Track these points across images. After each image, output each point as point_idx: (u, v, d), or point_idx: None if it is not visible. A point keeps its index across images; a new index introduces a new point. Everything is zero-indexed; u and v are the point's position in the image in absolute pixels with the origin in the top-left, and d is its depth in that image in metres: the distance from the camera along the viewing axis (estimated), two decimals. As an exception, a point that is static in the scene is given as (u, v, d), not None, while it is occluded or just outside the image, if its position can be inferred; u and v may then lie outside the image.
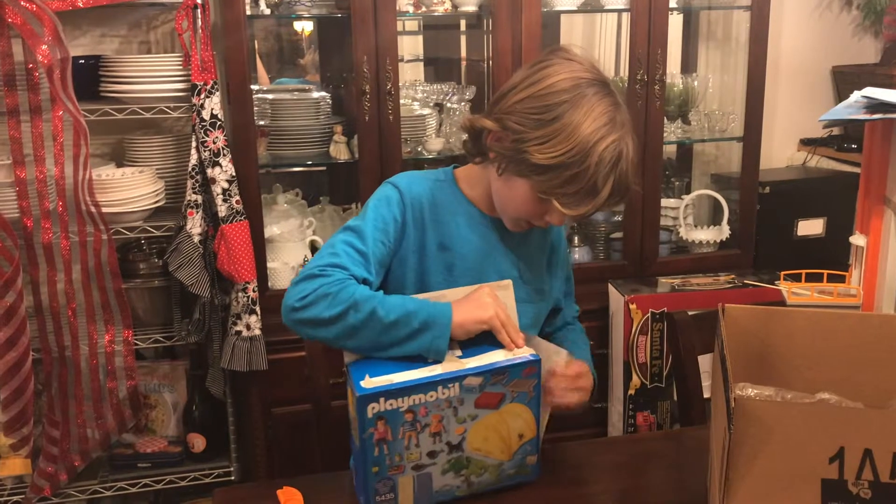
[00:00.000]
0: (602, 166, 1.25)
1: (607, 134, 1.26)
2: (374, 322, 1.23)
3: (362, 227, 1.34)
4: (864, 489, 0.97)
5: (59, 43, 1.97)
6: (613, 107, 1.29)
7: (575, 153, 1.25)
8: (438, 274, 1.39)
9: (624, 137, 1.28)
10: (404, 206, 1.38)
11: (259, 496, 1.32)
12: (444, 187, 1.44)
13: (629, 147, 1.29)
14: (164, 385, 2.45)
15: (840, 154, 2.85)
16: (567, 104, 1.27)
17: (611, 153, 1.26)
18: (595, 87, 1.29)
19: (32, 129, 2.07)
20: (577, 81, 1.29)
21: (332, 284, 1.25)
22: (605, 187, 1.27)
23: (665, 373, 2.42)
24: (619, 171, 1.27)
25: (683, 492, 1.33)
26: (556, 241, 1.56)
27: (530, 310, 1.46)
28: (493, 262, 1.43)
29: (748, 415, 0.98)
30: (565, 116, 1.26)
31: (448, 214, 1.41)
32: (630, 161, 1.29)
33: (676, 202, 2.78)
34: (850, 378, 1.21)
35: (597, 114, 1.27)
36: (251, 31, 2.58)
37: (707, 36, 2.92)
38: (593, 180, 1.26)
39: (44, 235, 2.11)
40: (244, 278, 2.20)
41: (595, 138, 1.25)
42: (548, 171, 1.27)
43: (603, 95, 1.29)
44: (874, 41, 3.01)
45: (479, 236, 1.42)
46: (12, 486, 2.30)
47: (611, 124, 1.27)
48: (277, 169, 2.63)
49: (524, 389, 1.24)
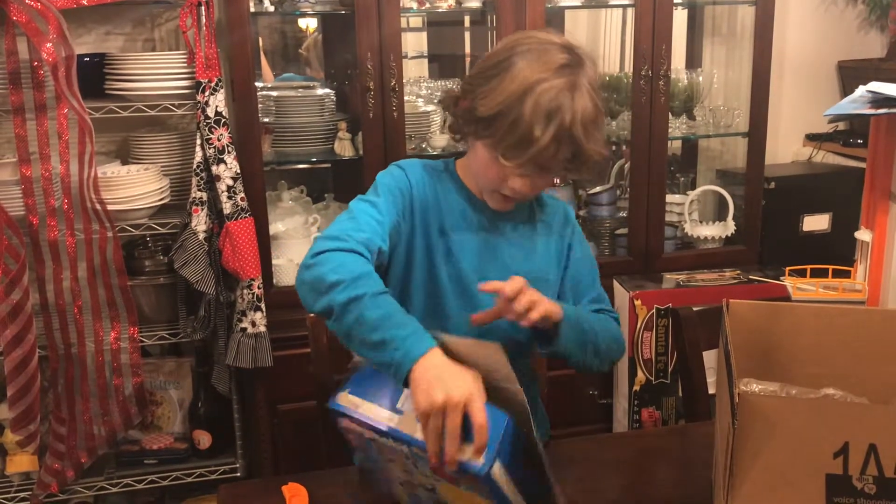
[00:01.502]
0: (538, 114, 1.24)
1: (546, 80, 1.24)
2: (358, 312, 1.15)
3: (375, 199, 1.36)
4: (868, 484, 0.97)
5: (63, 41, 1.98)
6: (569, 66, 1.27)
7: (511, 100, 1.25)
8: (440, 259, 1.41)
9: (571, 91, 1.25)
10: (410, 185, 1.40)
11: (264, 492, 1.33)
12: (445, 176, 1.46)
13: (578, 104, 1.25)
14: (169, 382, 2.46)
15: (845, 149, 2.84)
16: (517, 56, 1.28)
17: (548, 101, 1.24)
18: (558, 48, 1.28)
19: (38, 127, 2.07)
20: (542, 45, 1.29)
21: (347, 253, 1.22)
22: (544, 136, 1.24)
23: (670, 369, 2.41)
24: (561, 122, 1.24)
25: (688, 487, 1.33)
26: (574, 240, 1.52)
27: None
28: (491, 247, 1.44)
29: (753, 410, 0.97)
30: (511, 68, 1.27)
31: (448, 201, 1.43)
32: (581, 120, 1.26)
33: (681, 198, 2.77)
34: (855, 373, 1.20)
35: (542, 63, 1.26)
36: (255, 28, 2.58)
37: (712, 31, 2.92)
38: (529, 127, 1.24)
39: (49, 233, 2.12)
40: (249, 275, 2.20)
41: (531, 82, 1.25)
42: (491, 124, 1.28)
43: (562, 55, 1.28)
44: (880, 36, 3.00)
45: (477, 222, 1.43)
46: (19, 483, 2.31)
47: (555, 74, 1.25)
48: (282, 166, 2.63)
49: (481, 489, 1.07)
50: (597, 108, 1.29)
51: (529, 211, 1.49)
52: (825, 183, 2.77)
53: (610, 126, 2.71)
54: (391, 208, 1.36)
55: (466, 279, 1.42)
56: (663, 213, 2.61)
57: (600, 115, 1.31)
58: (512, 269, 1.40)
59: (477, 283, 1.36)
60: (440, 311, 1.42)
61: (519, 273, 1.39)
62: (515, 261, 1.44)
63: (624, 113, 2.69)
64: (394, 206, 1.37)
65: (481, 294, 1.38)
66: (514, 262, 1.44)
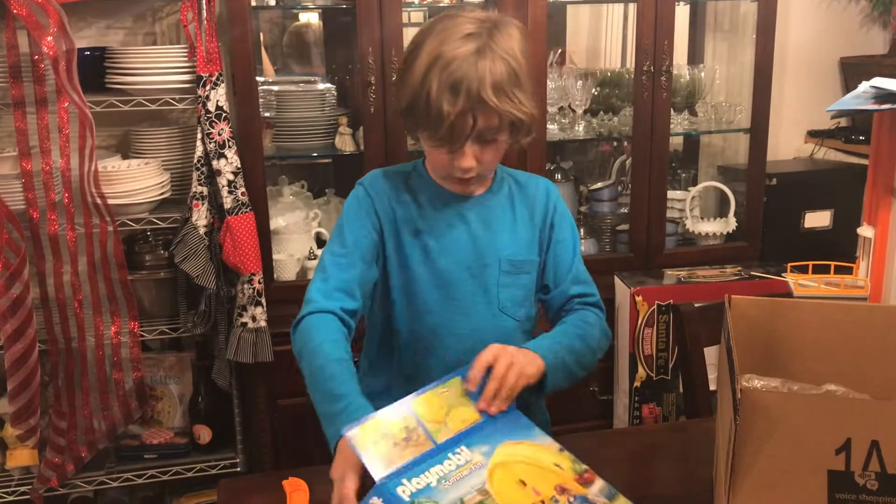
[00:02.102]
0: (442, 88, 1.24)
1: (446, 53, 1.25)
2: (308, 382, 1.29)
3: (341, 228, 1.41)
4: (870, 480, 0.97)
5: (64, 34, 1.97)
6: (475, 34, 1.27)
7: (418, 82, 1.27)
8: (417, 257, 1.42)
9: (476, 56, 1.25)
10: (371, 198, 1.43)
11: (265, 487, 1.32)
12: (413, 177, 1.46)
13: (484, 68, 1.24)
14: (170, 376, 2.46)
15: (847, 146, 2.83)
16: (424, 39, 1.29)
17: (450, 73, 1.24)
18: (466, 21, 1.29)
19: (38, 121, 2.07)
20: (450, 21, 1.30)
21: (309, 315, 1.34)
22: (455, 109, 1.24)
23: (671, 365, 2.41)
24: (467, 91, 1.23)
25: (689, 483, 1.32)
26: (556, 218, 1.50)
27: (509, 281, 1.44)
28: (469, 237, 1.43)
29: (755, 406, 0.97)
30: (419, 52, 1.29)
31: (419, 201, 1.43)
32: (492, 83, 1.25)
33: (683, 194, 2.77)
34: (857, 370, 1.20)
35: (444, 37, 1.27)
36: (256, 23, 2.57)
37: (714, 27, 2.91)
38: (438, 104, 1.25)
39: (50, 227, 2.11)
40: (250, 270, 2.20)
41: (432, 59, 1.26)
42: (411, 112, 1.30)
43: (469, 25, 1.28)
44: (882, 32, 2.99)
45: (452, 214, 1.43)
46: (19, 477, 2.31)
47: (457, 45, 1.25)
48: (283, 161, 2.63)
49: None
50: (510, 68, 1.27)
51: (508, 194, 1.48)
52: (827, 179, 2.76)
53: (611, 122, 2.71)
54: (358, 234, 1.40)
55: (446, 275, 1.42)
56: (664, 210, 2.60)
57: (516, 72, 1.28)
58: (492, 256, 1.42)
59: (456, 278, 1.41)
60: (423, 309, 1.42)
61: (501, 257, 1.42)
62: (495, 247, 1.44)
63: (625, 108, 2.69)
64: (361, 229, 1.40)
65: (462, 288, 1.40)
66: (494, 248, 1.44)
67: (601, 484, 1.17)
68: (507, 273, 1.43)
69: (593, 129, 2.67)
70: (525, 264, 1.46)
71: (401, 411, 1.13)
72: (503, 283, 1.43)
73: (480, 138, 1.30)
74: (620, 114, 2.71)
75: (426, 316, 1.42)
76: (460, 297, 1.41)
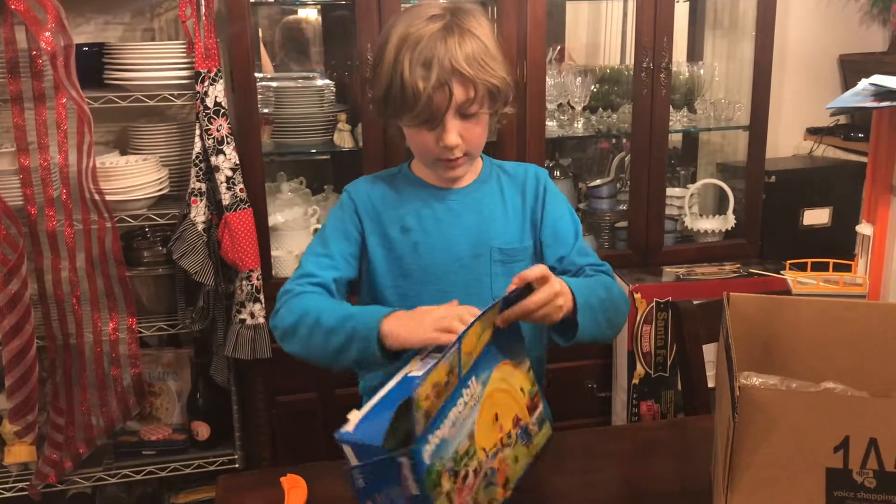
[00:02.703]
0: (415, 66, 1.27)
1: (415, 32, 1.28)
2: (319, 328, 1.29)
3: (324, 232, 1.46)
4: (868, 478, 0.97)
5: (62, 30, 1.97)
6: (440, 15, 1.30)
7: (390, 67, 1.29)
8: (408, 255, 1.43)
9: (444, 33, 1.28)
10: (355, 203, 1.46)
11: (263, 483, 1.32)
12: (399, 178, 1.49)
13: (453, 43, 1.27)
14: (168, 373, 2.46)
15: (846, 143, 2.83)
16: (391, 30, 1.32)
17: (420, 50, 1.27)
18: (429, 6, 1.32)
19: (36, 117, 2.07)
20: (414, 9, 1.33)
21: (292, 296, 1.37)
22: (429, 85, 1.27)
23: (669, 362, 2.41)
24: (441, 66, 1.26)
25: (687, 480, 1.32)
26: (547, 197, 1.49)
27: (502, 270, 1.44)
28: (459, 229, 1.44)
29: (753, 404, 0.97)
30: (387, 42, 1.32)
31: (405, 200, 1.45)
32: (465, 56, 1.27)
33: (682, 191, 2.77)
34: (856, 367, 1.20)
35: (410, 21, 1.30)
36: (255, 19, 2.57)
37: (713, 24, 2.91)
38: (413, 83, 1.27)
39: (48, 223, 2.11)
40: (248, 266, 2.20)
41: (401, 40, 1.29)
42: (386, 99, 1.33)
43: (433, 10, 1.31)
44: (882, 29, 2.99)
45: (437, 208, 1.45)
46: (17, 474, 2.31)
47: (424, 25, 1.28)
48: (281, 157, 2.63)
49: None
50: (478, 41, 1.29)
51: (497, 183, 1.49)
52: (826, 177, 2.76)
53: (610, 119, 2.71)
54: (339, 240, 1.44)
55: (437, 269, 1.43)
56: (663, 207, 2.60)
57: (484, 43, 1.30)
58: (483, 246, 1.43)
59: (447, 270, 1.41)
60: (416, 304, 1.39)
61: (493, 247, 1.43)
62: (486, 237, 1.44)
63: (624, 106, 2.69)
64: (344, 233, 1.44)
65: (454, 280, 1.41)
66: (485, 238, 1.44)
67: (540, 409, 1.19)
68: (499, 262, 1.44)
69: (592, 126, 2.66)
70: (517, 252, 1.46)
71: (451, 352, 1.04)
72: (496, 272, 1.43)
73: (461, 113, 1.31)
74: (619, 111, 2.71)
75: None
76: (452, 289, 1.41)
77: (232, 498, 1.32)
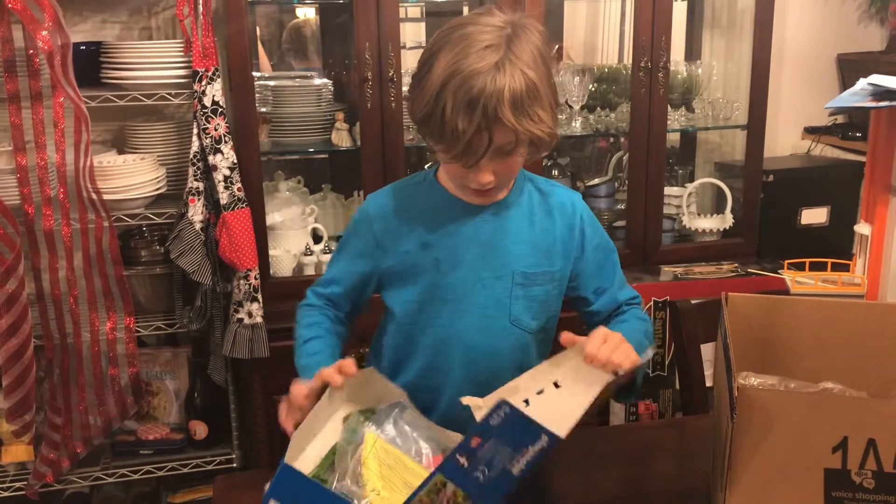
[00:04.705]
0: (458, 106, 1.18)
1: (463, 69, 1.19)
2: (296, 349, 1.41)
3: (342, 243, 1.47)
4: (867, 479, 0.97)
5: (59, 29, 1.97)
6: (494, 45, 1.20)
7: (433, 97, 1.21)
8: (428, 271, 1.38)
9: (494, 71, 1.18)
10: (370, 221, 1.41)
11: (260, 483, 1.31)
12: (423, 189, 1.42)
13: (502, 84, 1.18)
14: (165, 372, 2.45)
15: (844, 142, 2.84)
16: (440, 48, 1.23)
17: (466, 90, 1.18)
18: (484, 29, 1.23)
19: (33, 116, 2.06)
20: (467, 29, 1.23)
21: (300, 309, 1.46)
22: (470, 128, 1.19)
23: (667, 361, 2.41)
24: (483, 110, 1.18)
25: (685, 480, 1.33)
26: (586, 227, 1.44)
27: (522, 293, 1.39)
28: (485, 245, 1.38)
29: (751, 404, 0.97)
30: (434, 63, 1.23)
31: (428, 214, 1.39)
32: (510, 100, 1.18)
33: (680, 190, 2.77)
34: (854, 367, 1.20)
35: (461, 49, 1.21)
36: (253, 18, 2.56)
37: (711, 23, 2.91)
38: (453, 122, 1.19)
39: (45, 222, 2.11)
40: (246, 266, 2.20)
41: (448, 74, 1.20)
42: (426, 126, 1.26)
43: (487, 35, 1.21)
44: (880, 29, 2.99)
45: (461, 226, 1.38)
46: (14, 473, 2.31)
47: (475, 59, 1.19)
48: (279, 156, 2.62)
49: None
50: (528, 81, 1.20)
51: (528, 203, 1.42)
52: (824, 176, 2.76)
53: (609, 118, 2.71)
54: (351, 254, 1.44)
55: (458, 288, 1.37)
56: (661, 206, 2.60)
57: (536, 87, 1.21)
58: (506, 268, 1.37)
59: (468, 290, 1.37)
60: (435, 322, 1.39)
61: (515, 270, 1.37)
62: (509, 259, 1.38)
63: (623, 105, 2.68)
64: (355, 250, 1.43)
65: (474, 300, 1.37)
66: (508, 260, 1.38)
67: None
68: (520, 285, 1.38)
69: (590, 125, 2.66)
70: (538, 276, 1.39)
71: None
72: (516, 295, 1.38)
73: (498, 153, 1.25)
74: (618, 110, 2.71)
75: (438, 329, 1.38)
76: (471, 309, 1.37)
77: (229, 497, 1.32)
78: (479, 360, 1.38)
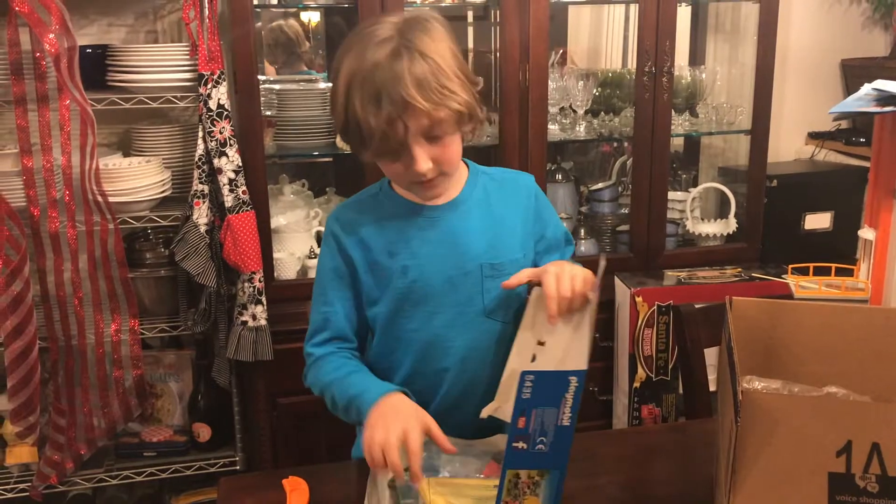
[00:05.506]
0: (366, 103, 1.21)
1: (362, 66, 1.21)
2: (336, 407, 1.37)
3: (320, 278, 1.43)
4: (871, 483, 0.97)
5: (66, 32, 1.97)
6: (389, 37, 1.22)
7: (343, 102, 1.24)
8: (397, 278, 1.38)
9: (391, 61, 1.19)
10: (338, 239, 1.41)
11: (264, 486, 1.33)
12: (380, 198, 1.43)
13: (401, 70, 1.19)
14: (169, 374, 2.46)
15: (848, 148, 2.84)
16: (344, 56, 1.26)
17: (369, 86, 1.20)
18: (381, 26, 1.25)
19: (39, 118, 2.07)
20: (364, 31, 1.26)
21: (312, 361, 1.43)
22: (380, 121, 1.20)
23: (670, 366, 2.41)
24: (391, 100, 1.19)
25: (688, 484, 1.33)
26: (539, 207, 1.47)
27: (493, 284, 1.39)
28: (448, 244, 1.38)
29: (755, 408, 0.97)
30: (340, 70, 1.25)
31: (389, 222, 1.40)
32: (415, 84, 1.19)
33: (683, 195, 2.77)
34: (858, 371, 1.20)
35: (359, 50, 1.23)
36: (258, 22, 2.57)
37: (715, 28, 2.91)
38: (365, 120, 1.21)
39: (50, 224, 2.11)
40: (250, 268, 2.20)
41: (349, 77, 1.22)
42: (346, 133, 1.28)
43: (384, 30, 1.23)
44: (884, 34, 2.99)
45: (421, 228, 1.39)
46: (18, 474, 2.31)
47: (372, 54, 1.21)
48: (284, 159, 2.63)
49: None
50: (430, 62, 1.20)
51: (484, 194, 1.43)
52: (827, 181, 2.76)
53: (612, 122, 2.71)
54: (333, 280, 1.42)
55: (427, 290, 1.38)
56: (665, 210, 2.60)
57: (438, 64, 1.21)
58: (472, 262, 1.38)
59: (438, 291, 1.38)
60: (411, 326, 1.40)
61: (482, 262, 1.38)
62: (474, 253, 1.39)
63: (626, 109, 2.69)
64: (335, 274, 1.41)
65: (445, 300, 1.38)
66: (473, 254, 1.39)
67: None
68: (489, 277, 1.39)
69: (594, 130, 2.67)
70: (506, 265, 1.40)
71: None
72: (487, 287, 1.39)
73: (427, 137, 1.25)
74: (621, 114, 2.71)
75: (417, 333, 1.40)
76: (444, 309, 1.38)
77: (233, 500, 1.32)
78: (463, 358, 1.39)
